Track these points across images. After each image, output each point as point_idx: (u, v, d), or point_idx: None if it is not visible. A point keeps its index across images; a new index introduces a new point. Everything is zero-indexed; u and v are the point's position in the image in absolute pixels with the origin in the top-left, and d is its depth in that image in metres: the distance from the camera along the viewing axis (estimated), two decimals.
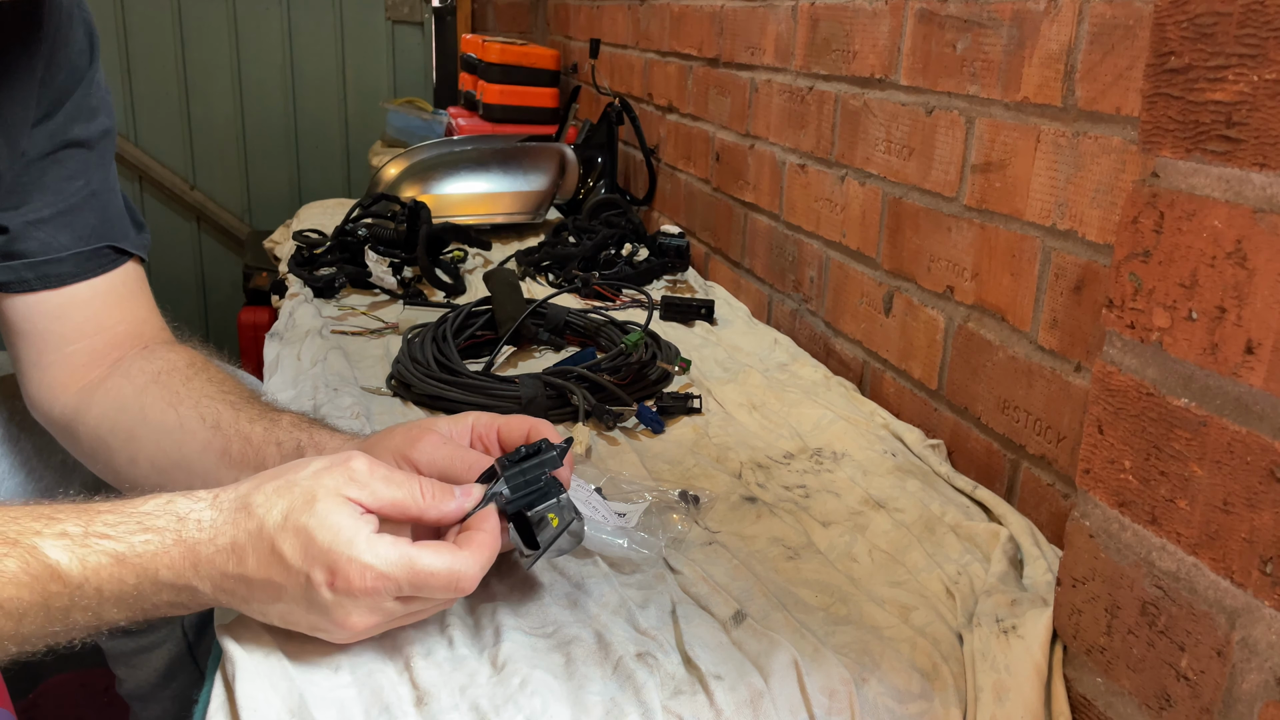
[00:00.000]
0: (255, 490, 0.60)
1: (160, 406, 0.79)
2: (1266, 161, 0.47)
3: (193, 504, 0.60)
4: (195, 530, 0.59)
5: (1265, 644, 0.48)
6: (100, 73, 0.84)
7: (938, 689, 0.64)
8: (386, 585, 0.58)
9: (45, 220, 0.79)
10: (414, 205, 1.56)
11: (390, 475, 0.62)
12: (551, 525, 0.65)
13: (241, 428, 0.76)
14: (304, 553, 0.58)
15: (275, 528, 0.58)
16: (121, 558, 0.57)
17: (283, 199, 3.31)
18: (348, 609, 0.59)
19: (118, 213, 0.86)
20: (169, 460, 0.78)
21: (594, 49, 2.22)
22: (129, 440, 0.80)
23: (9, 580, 0.55)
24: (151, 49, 3.12)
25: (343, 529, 0.58)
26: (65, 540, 0.57)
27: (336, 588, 0.58)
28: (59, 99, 0.79)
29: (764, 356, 1.29)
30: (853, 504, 0.89)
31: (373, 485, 0.60)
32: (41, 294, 0.81)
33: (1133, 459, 0.56)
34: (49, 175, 0.80)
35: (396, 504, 0.61)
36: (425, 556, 0.59)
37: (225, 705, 0.60)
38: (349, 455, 0.62)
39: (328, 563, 0.57)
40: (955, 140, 1.00)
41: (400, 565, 0.58)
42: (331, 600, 0.58)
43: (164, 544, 0.58)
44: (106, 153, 0.85)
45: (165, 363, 0.83)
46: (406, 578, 0.58)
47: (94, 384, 0.82)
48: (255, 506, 0.59)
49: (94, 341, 0.83)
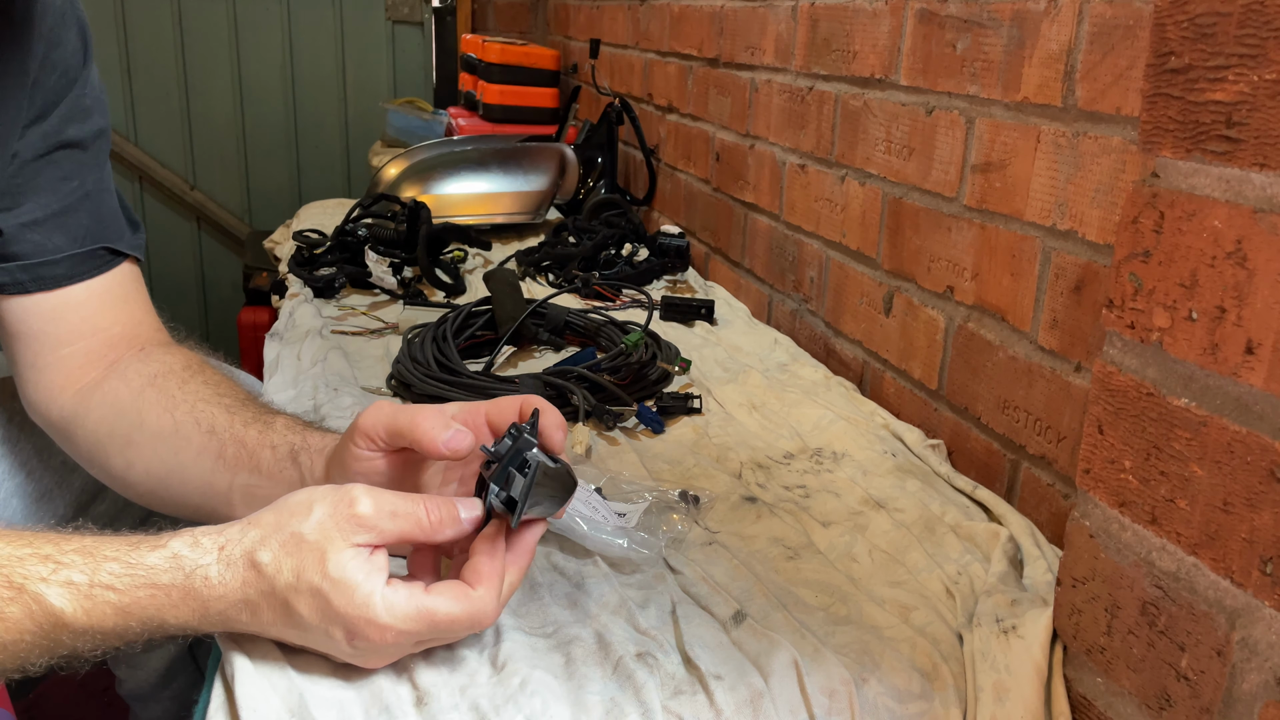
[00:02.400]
0: (261, 547, 0.59)
1: (156, 412, 0.79)
2: (1266, 161, 0.47)
3: (199, 558, 0.59)
4: (203, 586, 0.59)
5: (1265, 644, 0.48)
6: (94, 72, 0.83)
7: (938, 689, 0.64)
8: (405, 640, 0.59)
9: (39, 222, 0.79)
10: (414, 205, 1.56)
11: (395, 508, 0.61)
12: (540, 494, 0.63)
13: (236, 431, 0.76)
14: (321, 614, 0.58)
15: (287, 588, 0.58)
16: (126, 610, 0.58)
17: (283, 199, 3.30)
18: (368, 658, 0.61)
19: (112, 213, 0.85)
20: (165, 468, 0.78)
21: (594, 49, 2.22)
22: (126, 446, 0.79)
23: (13, 625, 0.56)
24: (151, 49, 3.12)
25: (358, 589, 0.58)
26: (70, 589, 0.57)
27: (356, 645, 0.59)
28: (53, 100, 0.79)
29: (764, 356, 1.29)
30: (853, 504, 0.89)
31: (379, 526, 0.60)
32: (36, 296, 0.80)
33: (1133, 459, 0.56)
34: (43, 177, 0.79)
35: (404, 535, 0.61)
36: (442, 605, 0.59)
37: (225, 705, 0.60)
38: (351, 497, 0.60)
39: (345, 625, 0.58)
40: (955, 140, 1.00)
41: (418, 619, 0.59)
42: (352, 652, 0.60)
43: (170, 600, 0.58)
44: (101, 153, 0.84)
45: (162, 365, 0.82)
46: (426, 630, 0.59)
47: (90, 386, 0.82)
48: (264, 566, 0.59)
49: (90, 343, 0.83)
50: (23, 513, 0.94)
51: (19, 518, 0.93)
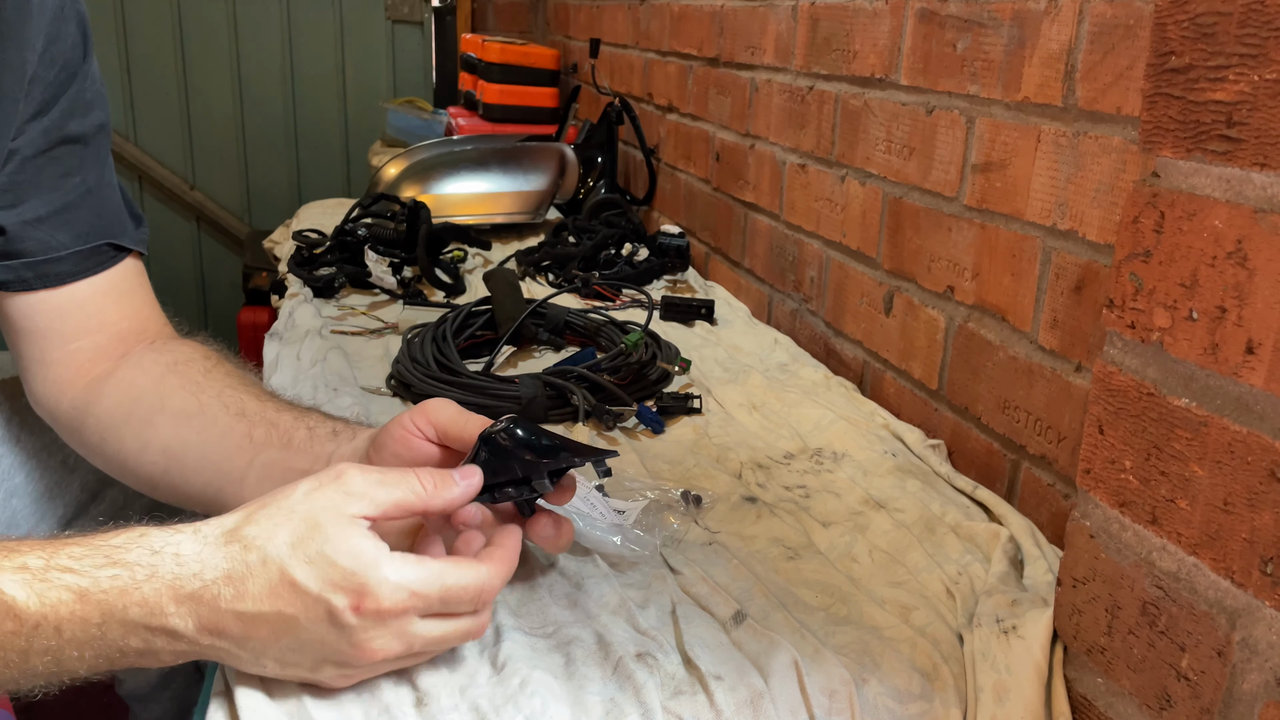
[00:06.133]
0: (246, 522, 0.56)
1: (181, 394, 0.79)
2: (1267, 161, 0.47)
3: (169, 536, 0.56)
4: (174, 565, 0.54)
5: (1265, 644, 0.48)
6: (95, 66, 0.83)
7: (938, 689, 0.64)
8: (417, 603, 0.56)
9: (43, 219, 0.79)
10: (414, 205, 1.56)
11: (384, 477, 0.60)
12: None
13: (268, 414, 0.76)
14: (324, 579, 0.55)
15: (283, 557, 0.55)
16: (84, 593, 0.53)
17: (283, 199, 3.31)
18: (373, 634, 0.56)
19: (115, 208, 0.85)
20: (183, 446, 0.77)
21: (594, 49, 2.22)
22: (144, 426, 0.79)
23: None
24: (151, 49, 3.12)
25: (364, 552, 0.56)
26: (24, 574, 0.53)
27: (364, 610, 0.55)
28: (53, 95, 0.79)
29: (764, 356, 1.29)
30: (853, 504, 0.89)
31: (371, 494, 0.58)
32: (42, 293, 0.80)
33: (1133, 459, 0.56)
34: (45, 173, 0.79)
35: (399, 504, 0.59)
36: (451, 571, 0.58)
37: (224, 706, 0.60)
38: (338, 470, 0.59)
39: (354, 586, 0.55)
40: (956, 140, 1.00)
41: (429, 581, 0.57)
42: (357, 624, 0.55)
43: (134, 579, 0.54)
44: (103, 148, 0.84)
45: (180, 354, 0.83)
46: (437, 593, 0.57)
47: (102, 377, 0.82)
48: (252, 538, 0.55)
49: (97, 339, 0.83)
50: (24, 512, 0.94)
51: (20, 516, 0.93)
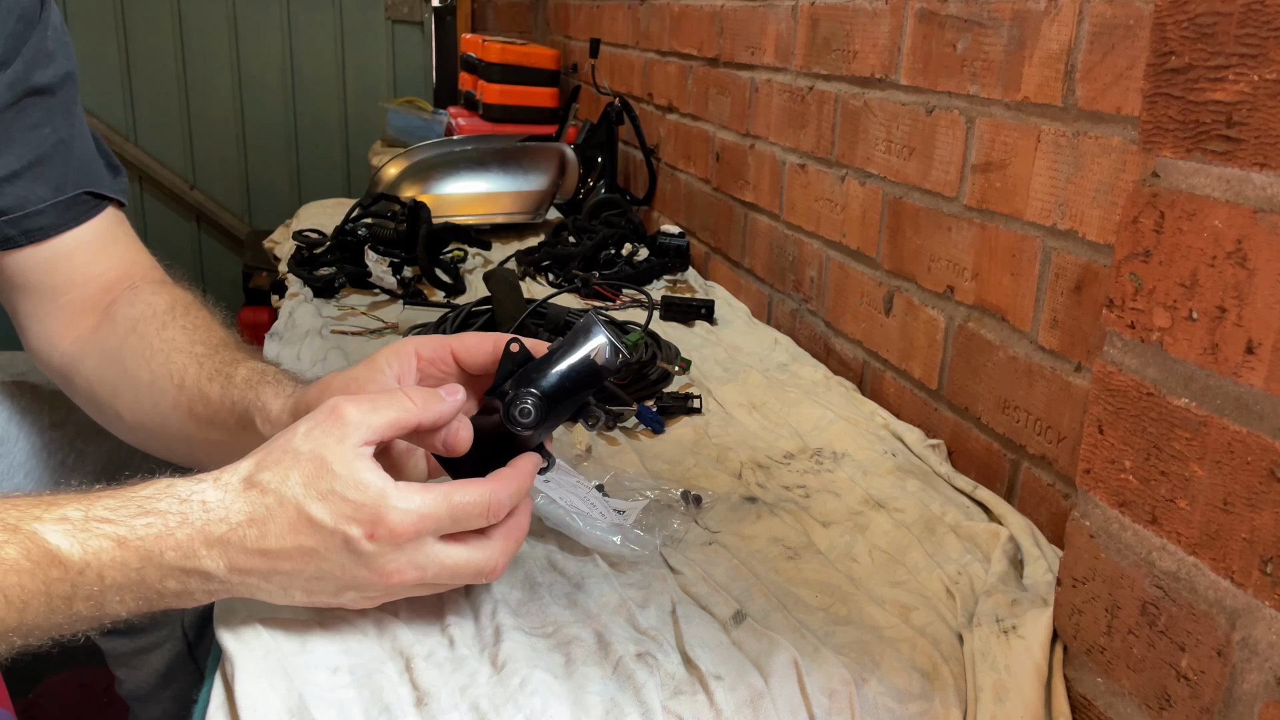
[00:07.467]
0: (259, 469, 0.60)
1: (136, 361, 0.79)
2: (1267, 161, 0.47)
3: (194, 485, 0.59)
4: (201, 511, 0.58)
5: (1265, 644, 0.48)
6: (55, 14, 0.82)
7: (938, 689, 0.64)
8: (427, 524, 0.59)
9: (17, 174, 0.79)
10: (414, 205, 1.56)
11: (374, 402, 0.62)
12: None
13: (202, 387, 0.76)
14: (337, 513, 0.58)
15: (298, 496, 0.58)
16: (123, 541, 0.57)
17: (283, 199, 3.30)
18: (389, 558, 0.59)
19: (90, 158, 0.85)
20: (149, 418, 0.79)
21: (594, 49, 2.22)
22: (114, 395, 0.80)
23: (10, 568, 0.54)
24: (151, 49, 3.12)
25: (371, 484, 0.58)
26: (66, 525, 0.56)
27: (378, 537, 0.58)
28: (14, 47, 0.78)
29: (764, 356, 1.29)
30: (853, 504, 0.89)
31: (366, 420, 0.60)
32: (27, 250, 0.81)
33: (1133, 459, 0.56)
34: (14, 127, 0.79)
35: (394, 423, 0.62)
36: (457, 490, 0.61)
37: (225, 705, 0.60)
38: (331, 405, 0.61)
39: (367, 516, 0.58)
40: (955, 140, 1.00)
41: (436, 503, 0.59)
42: (373, 550, 0.59)
43: (167, 526, 0.57)
44: (70, 98, 0.84)
45: (146, 308, 0.82)
46: (446, 512, 0.60)
47: (87, 332, 0.82)
48: (267, 483, 0.59)
49: (84, 291, 0.83)
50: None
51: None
